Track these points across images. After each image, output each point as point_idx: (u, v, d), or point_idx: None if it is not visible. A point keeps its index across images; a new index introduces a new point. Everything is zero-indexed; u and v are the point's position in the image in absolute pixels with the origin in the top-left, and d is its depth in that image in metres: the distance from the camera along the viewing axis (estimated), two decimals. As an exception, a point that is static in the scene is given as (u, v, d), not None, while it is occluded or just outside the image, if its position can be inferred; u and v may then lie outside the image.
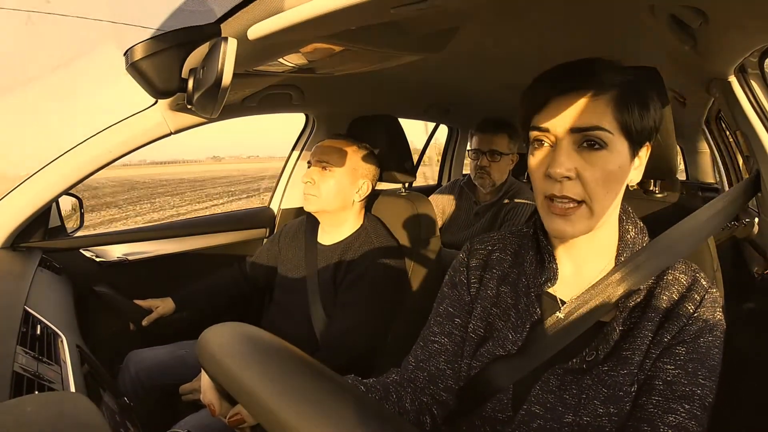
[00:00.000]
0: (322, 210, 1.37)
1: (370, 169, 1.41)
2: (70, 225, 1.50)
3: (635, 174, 0.71)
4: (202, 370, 0.59)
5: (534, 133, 0.69)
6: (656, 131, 0.70)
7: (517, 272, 0.79)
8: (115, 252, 1.57)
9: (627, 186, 0.71)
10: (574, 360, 0.69)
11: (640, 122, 0.66)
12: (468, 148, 2.14)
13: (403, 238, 1.46)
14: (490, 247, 0.83)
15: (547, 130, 0.67)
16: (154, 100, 1.20)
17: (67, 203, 1.53)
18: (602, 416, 0.66)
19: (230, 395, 0.45)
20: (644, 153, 0.71)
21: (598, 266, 0.73)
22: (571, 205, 0.66)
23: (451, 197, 2.21)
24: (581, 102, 0.65)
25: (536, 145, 0.69)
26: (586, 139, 0.65)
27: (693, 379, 0.64)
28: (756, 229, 1.49)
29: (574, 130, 0.65)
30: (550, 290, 0.75)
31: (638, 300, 0.70)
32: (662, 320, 0.68)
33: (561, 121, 0.66)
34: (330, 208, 1.36)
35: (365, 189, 1.39)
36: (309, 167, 1.39)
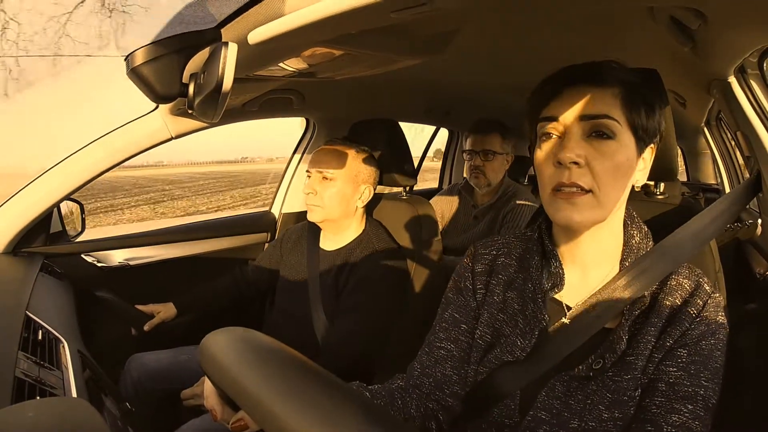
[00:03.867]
0: (326, 219, 1.36)
1: (370, 174, 1.40)
2: (71, 230, 1.50)
3: (640, 175, 0.71)
4: (205, 375, 0.59)
5: (542, 125, 0.69)
6: (660, 134, 0.71)
7: (523, 277, 0.78)
8: (117, 257, 1.57)
9: (632, 187, 0.71)
10: (580, 367, 0.69)
11: (646, 122, 0.67)
12: (463, 149, 2.15)
13: (405, 242, 1.45)
14: (495, 252, 0.82)
15: (555, 119, 0.67)
16: (154, 105, 1.20)
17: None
18: (607, 421, 0.66)
19: (232, 400, 0.45)
20: (649, 155, 0.71)
21: (603, 271, 0.73)
22: (578, 191, 0.65)
23: (451, 201, 2.21)
24: (590, 93, 0.66)
25: (544, 138, 0.69)
26: (595, 129, 0.65)
27: (696, 381, 0.64)
28: (759, 230, 1.48)
29: (583, 118, 0.66)
30: (556, 296, 0.74)
31: (644, 307, 0.69)
32: (665, 325, 0.67)
33: (570, 110, 0.66)
34: (334, 216, 1.35)
35: (367, 194, 1.39)
36: (308, 176, 1.38)
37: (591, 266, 0.73)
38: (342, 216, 1.36)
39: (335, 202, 1.34)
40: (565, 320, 0.71)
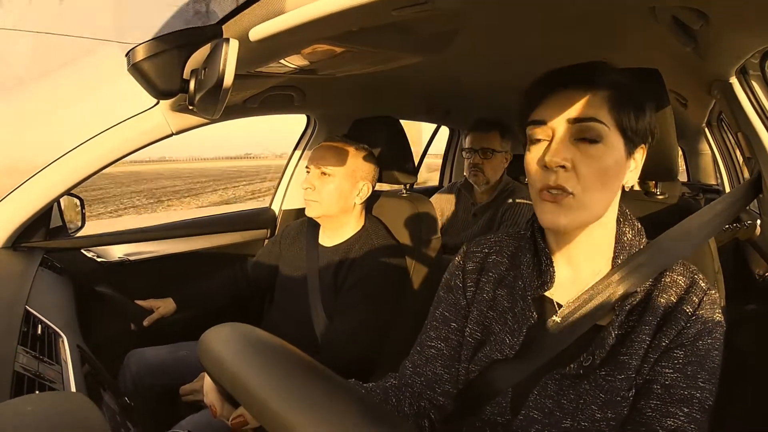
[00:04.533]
0: (324, 215, 1.37)
1: (369, 170, 1.40)
2: (71, 225, 1.50)
3: (631, 176, 0.71)
4: (204, 371, 0.59)
5: (531, 128, 0.69)
6: (652, 135, 0.71)
7: (514, 275, 0.78)
8: (117, 252, 1.57)
9: (623, 188, 0.71)
10: (572, 365, 0.69)
11: (636, 123, 0.67)
12: (462, 147, 2.16)
13: (405, 240, 1.45)
14: (486, 250, 0.82)
15: (544, 123, 0.67)
16: (155, 100, 1.20)
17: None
18: (600, 421, 0.65)
19: (232, 396, 0.45)
20: (640, 156, 0.71)
21: (595, 269, 0.72)
22: (564, 193, 0.65)
23: (450, 199, 2.22)
24: (578, 97, 0.66)
25: (533, 142, 0.69)
26: (582, 132, 0.65)
27: (692, 383, 0.63)
28: (758, 231, 1.48)
29: (570, 121, 0.66)
30: (547, 293, 0.74)
31: (635, 303, 0.69)
32: (660, 323, 0.67)
33: (558, 113, 0.66)
34: (331, 212, 1.36)
35: (365, 191, 1.39)
36: (307, 172, 1.39)
37: (583, 264, 0.73)
38: (340, 212, 1.37)
39: (333, 197, 1.34)
40: (555, 318, 0.71)
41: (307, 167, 1.39)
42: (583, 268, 0.73)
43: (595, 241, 0.72)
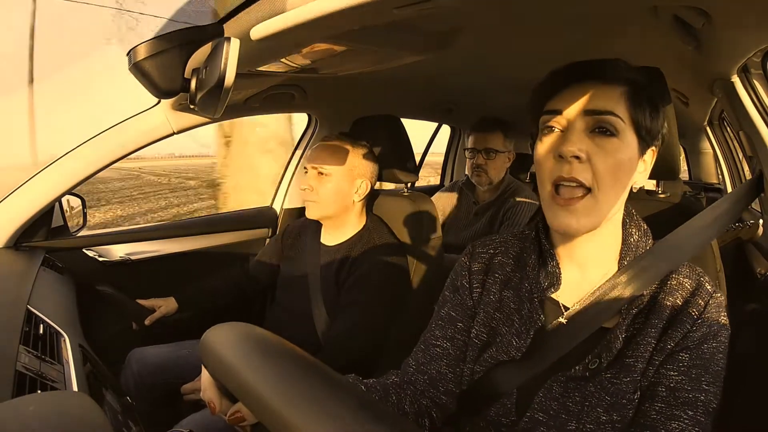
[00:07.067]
0: (324, 215, 1.37)
1: (367, 168, 1.40)
2: (72, 225, 1.50)
3: (640, 177, 0.70)
4: (203, 368, 0.59)
5: (545, 118, 0.69)
6: (662, 137, 0.71)
7: (520, 276, 0.78)
8: (118, 252, 1.57)
9: (630, 188, 0.71)
10: (577, 367, 0.68)
11: (650, 123, 0.67)
12: (464, 147, 2.15)
13: (406, 239, 1.45)
14: (492, 251, 0.82)
15: (559, 113, 0.67)
16: (157, 100, 1.20)
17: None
18: (605, 424, 0.65)
19: (230, 393, 0.45)
20: (650, 157, 0.71)
21: (601, 270, 0.72)
22: (578, 193, 0.65)
23: (452, 197, 2.22)
24: (596, 89, 0.66)
25: (546, 131, 0.69)
26: (599, 125, 0.65)
27: (696, 386, 0.63)
28: (761, 231, 1.48)
29: (587, 113, 0.65)
30: (553, 295, 0.74)
31: (641, 305, 0.68)
32: (666, 326, 0.66)
33: (574, 104, 0.66)
34: (331, 212, 1.36)
35: (364, 188, 1.39)
36: (305, 172, 1.38)
37: (589, 265, 0.73)
38: (339, 211, 1.37)
39: (331, 197, 1.34)
40: (562, 320, 0.71)
41: (304, 168, 1.39)
42: (590, 270, 0.73)
43: (600, 242, 0.71)
